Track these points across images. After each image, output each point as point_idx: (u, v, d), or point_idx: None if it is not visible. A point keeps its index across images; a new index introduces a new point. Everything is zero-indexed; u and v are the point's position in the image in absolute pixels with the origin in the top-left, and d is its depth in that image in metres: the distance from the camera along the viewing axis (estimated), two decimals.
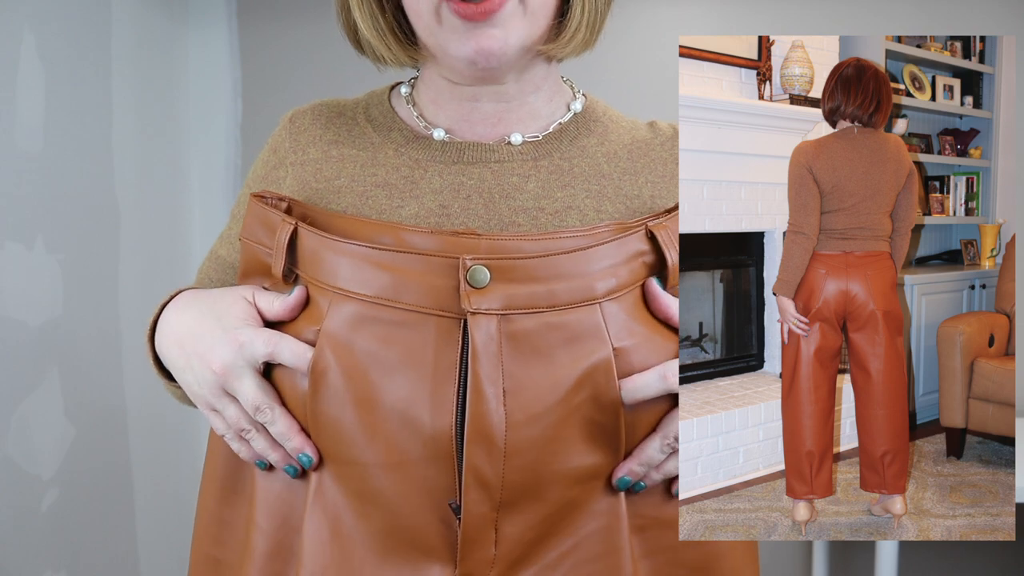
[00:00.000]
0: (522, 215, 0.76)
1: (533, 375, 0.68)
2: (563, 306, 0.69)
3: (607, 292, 0.71)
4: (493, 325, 0.67)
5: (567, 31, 0.77)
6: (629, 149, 0.83)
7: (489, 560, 0.70)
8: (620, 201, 0.78)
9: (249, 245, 0.78)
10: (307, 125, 0.83)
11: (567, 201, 0.77)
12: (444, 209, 0.76)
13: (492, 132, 0.80)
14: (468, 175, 0.78)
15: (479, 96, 0.79)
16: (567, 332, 0.69)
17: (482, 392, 0.67)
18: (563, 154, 0.80)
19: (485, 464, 0.67)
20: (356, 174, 0.78)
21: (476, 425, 0.67)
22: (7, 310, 1.70)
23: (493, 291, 0.68)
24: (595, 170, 0.80)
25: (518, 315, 0.68)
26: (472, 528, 0.68)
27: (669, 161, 0.83)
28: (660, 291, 0.73)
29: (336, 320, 0.70)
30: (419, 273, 0.69)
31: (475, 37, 0.72)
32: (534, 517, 0.70)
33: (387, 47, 0.79)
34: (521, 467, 0.68)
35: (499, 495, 0.68)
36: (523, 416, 0.67)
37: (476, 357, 0.67)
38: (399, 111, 0.83)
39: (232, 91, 2.41)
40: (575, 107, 0.84)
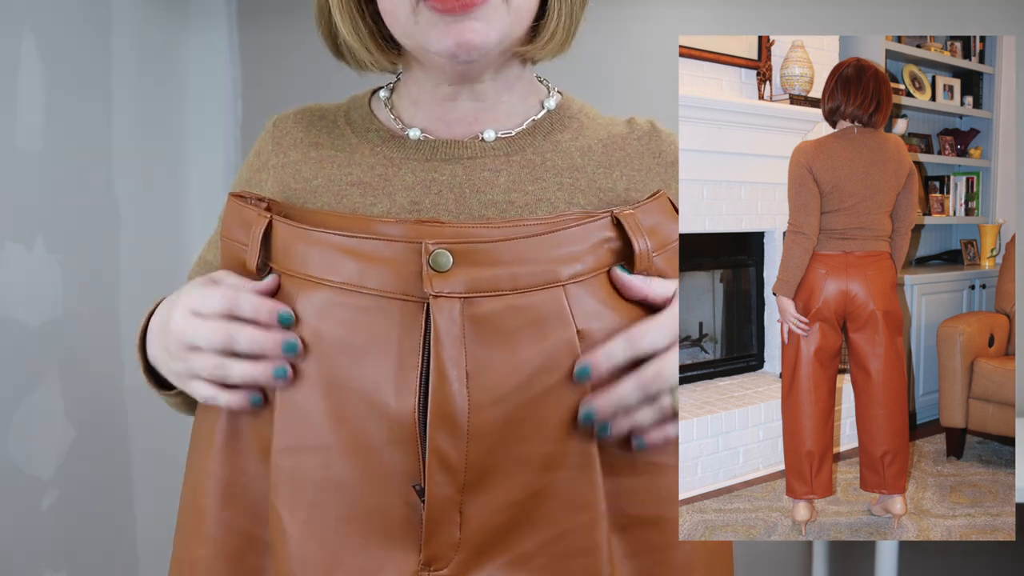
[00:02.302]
0: (492, 208, 0.77)
1: (496, 357, 0.69)
2: (526, 289, 0.70)
3: (572, 276, 0.72)
4: (456, 308, 0.69)
5: (544, 33, 0.78)
6: (604, 144, 0.83)
7: (454, 543, 0.70)
8: (593, 194, 0.79)
9: (228, 243, 0.79)
10: (289, 128, 0.85)
11: (538, 194, 0.78)
12: (415, 205, 0.77)
13: (467, 131, 0.81)
14: (440, 171, 0.79)
15: (457, 95, 0.80)
16: (530, 314, 0.70)
17: (445, 374, 0.68)
18: (536, 149, 0.81)
19: (449, 446, 0.68)
20: (333, 174, 0.80)
21: (439, 407, 0.68)
22: (7, 310, 1.70)
23: (456, 275, 0.69)
24: (568, 164, 0.81)
25: (481, 298, 0.69)
26: (436, 511, 0.69)
27: (646, 154, 0.84)
28: (625, 276, 0.74)
29: (305, 307, 0.72)
30: (384, 259, 0.70)
31: (456, 31, 0.72)
32: (501, 501, 0.70)
33: (368, 51, 0.80)
34: (485, 449, 0.69)
35: (463, 477, 0.69)
36: (486, 398, 0.68)
37: (439, 340, 0.68)
38: (378, 114, 0.85)
39: (232, 91, 2.41)
40: (549, 104, 0.85)
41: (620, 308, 0.74)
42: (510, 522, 0.71)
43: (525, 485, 0.71)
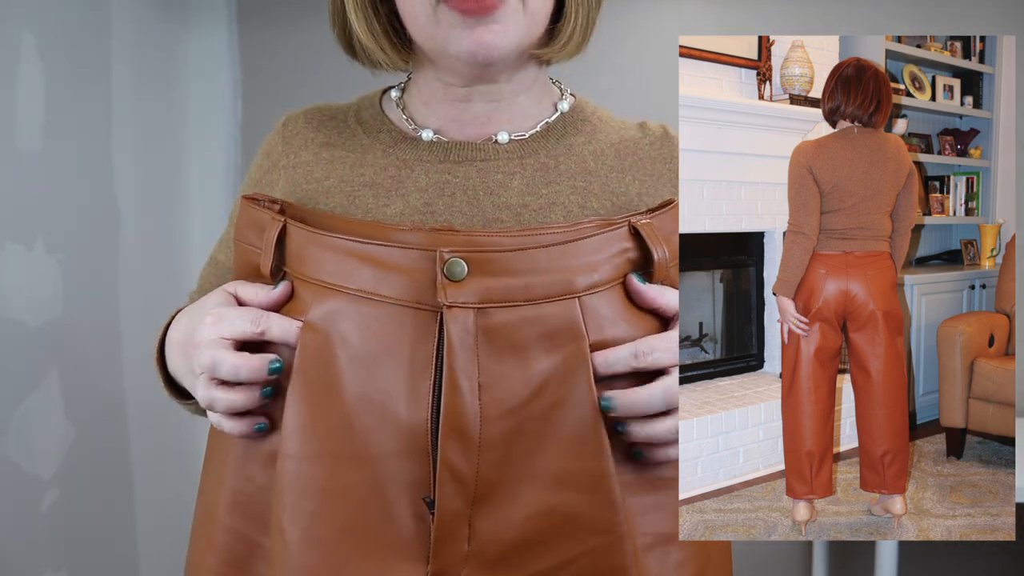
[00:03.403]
0: (505, 211, 0.76)
1: (508, 369, 0.68)
2: (539, 300, 0.70)
3: (588, 287, 0.71)
4: (470, 319, 0.68)
5: (562, 35, 0.79)
6: (617, 147, 0.83)
7: (462, 556, 0.70)
8: (606, 198, 0.79)
9: (241, 246, 0.79)
10: (300, 129, 0.85)
11: (551, 198, 0.78)
12: (428, 207, 0.77)
13: (481, 132, 0.81)
14: (454, 173, 0.79)
15: (471, 97, 0.80)
16: (543, 326, 0.69)
17: (457, 385, 0.67)
18: (549, 152, 0.81)
19: (459, 458, 0.68)
20: (345, 175, 0.80)
21: (451, 419, 0.67)
22: (7, 310, 1.70)
23: (470, 284, 0.69)
24: (581, 167, 0.80)
25: (494, 308, 0.69)
26: (445, 523, 0.69)
27: (658, 160, 0.84)
28: (641, 285, 0.73)
29: (318, 313, 0.71)
30: (399, 266, 0.70)
31: (475, 33, 0.73)
32: (512, 516, 0.70)
33: (382, 51, 0.80)
34: (496, 462, 0.68)
35: (473, 490, 0.68)
36: (498, 410, 0.68)
37: (452, 350, 0.68)
38: (389, 114, 0.85)
39: (232, 92, 2.41)
40: (562, 107, 0.85)
41: (636, 318, 0.73)
42: (523, 539, 0.70)
43: (537, 501, 0.70)
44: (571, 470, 0.70)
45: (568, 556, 0.70)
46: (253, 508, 0.75)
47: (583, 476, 0.70)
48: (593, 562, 0.70)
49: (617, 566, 0.71)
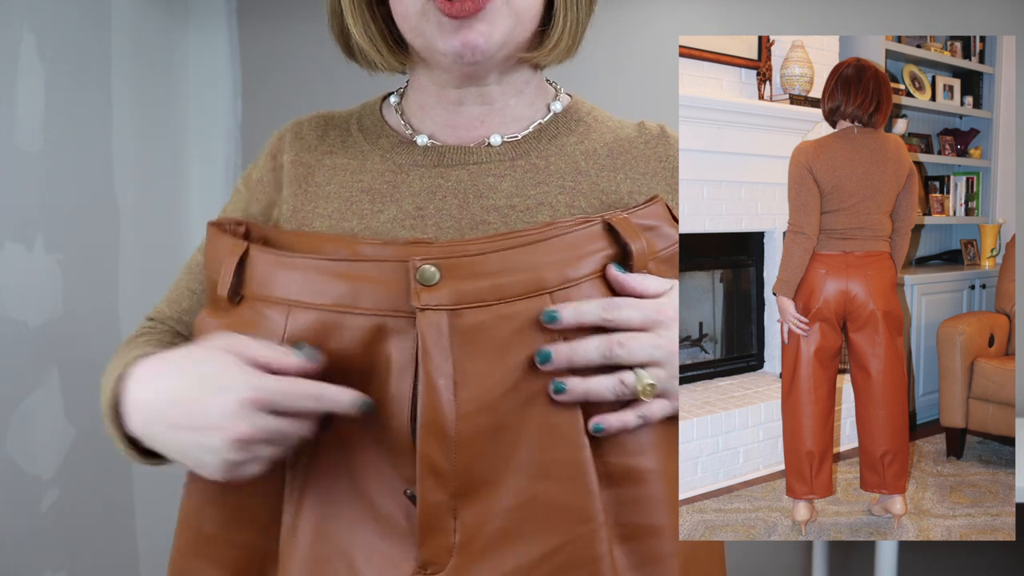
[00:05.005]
0: (494, 213, 0.78)
1: (483, 366, 0.70)
2: (511, 298, 0.71)
3: (560, 283, 0.72)
4: (443, 320, 0.70)
5: (550, 39, 0.80)
6: (610, 147, 0.84)
7: (448, 548, 0.71)
8: (595, 197, 0.80)
9: (208, 273, 0.81)
10: (305, 134, 0.87)
11: (539, 198, 0.79)
12: (420, 211, 0.78)
13: (474, 135, 0.83)
14: (446, 177, 0.80)
15: (463, 99, 0.82)
16: (516, 323, 0.71)
17: (433, 384, 0.69)
18: (540, 153, 0.82)
19: (438, 453, 0.69)
20: (344, 180, 0.82)
21: (427, 416, 0.69)
22: (7, 310, 1.70)
23: (443, 288, 0.70)
24: (572, 167, 0.81)
25: (467, 309, 0.70)
26: (428, 516, 0.70)
27: (652, 158, 0.84)
28: (620, 274, 0.74)
29: (297, 327, 0.73)
30: (373, 278, 0.72)
31: (460, 33, 0.74)
32: (495, 507, 0.71)
33: (378, 52, 0.82)
34: (474, 456, 0.70)
35: (454, 484, 0.70)
36: (474, 406, 0.70)
37: (426, 351, 0.69)
38: (388, 119, 0.86)
39: (232, 91, 2.41)
40: (555, 107, 0.86)
41: None
42: (507, 530, 0.72)
43: (518, 492, 0.71)
44: (550, 460, 0.72)
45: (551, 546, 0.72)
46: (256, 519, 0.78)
47: (562, 465, 0.72)
48: (575, 551, 0.72)
49: (594, 555, 0.72)
